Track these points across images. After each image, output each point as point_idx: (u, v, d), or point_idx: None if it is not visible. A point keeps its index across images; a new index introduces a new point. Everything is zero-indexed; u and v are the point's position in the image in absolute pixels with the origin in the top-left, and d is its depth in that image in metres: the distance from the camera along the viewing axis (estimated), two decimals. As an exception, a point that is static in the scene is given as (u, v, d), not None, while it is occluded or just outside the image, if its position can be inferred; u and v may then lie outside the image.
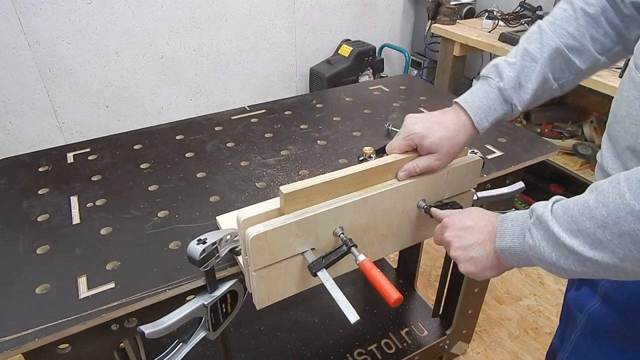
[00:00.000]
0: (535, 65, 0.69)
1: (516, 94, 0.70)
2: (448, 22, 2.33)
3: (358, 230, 0.72)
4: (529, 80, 0.70)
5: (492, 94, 0.70)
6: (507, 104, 0.71)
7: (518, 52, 0.71)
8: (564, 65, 0.70)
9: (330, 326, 1.42)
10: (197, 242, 0.65)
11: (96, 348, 0.70)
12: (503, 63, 0.71)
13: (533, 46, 0.70)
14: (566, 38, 0.69)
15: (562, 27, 0.69)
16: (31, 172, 0.99)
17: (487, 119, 0.71)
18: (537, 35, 0.71)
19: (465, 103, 0.71)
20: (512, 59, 0.71)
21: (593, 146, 1.97)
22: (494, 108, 0.71)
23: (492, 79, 0.71)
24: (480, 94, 0.71)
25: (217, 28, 2.32)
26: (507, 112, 0.72)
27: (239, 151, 1.07)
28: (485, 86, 0.71)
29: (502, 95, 0.70)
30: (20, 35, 1.87)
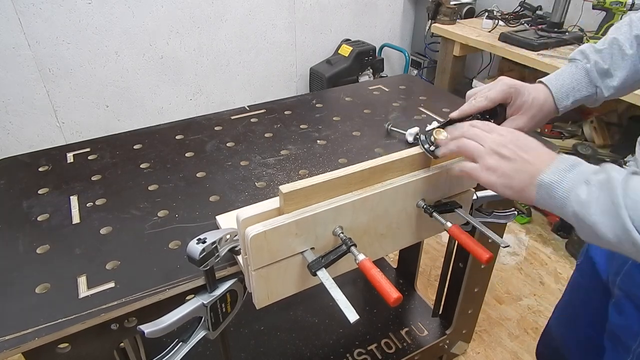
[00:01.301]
0: (625, 55, 0.69)
1: (602, 78, 0.70)
2: (448, 22, 2.33)
3: (357, 229, 0.72)
4: (618, 69, 0.69)
5: (577, 74, 0.71)
6: (592, 85, 0.70)
7: (606, 41, 0.71)
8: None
9: (330, 326, 1.42)
10: (196, 242, 0.65)
11: (96, 348, 0.70)
12: (590, 48, 0.71)
13: (623, 37, 0.69)
14: None
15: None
16: (31, 172, 0.99)
17: (569, 98, 0.71)
18: (627, 27, 0.70)
19: (548, 81, 0.72)
20: (601, 46, 0.71)
21: (593, 146, 1.97)
22: (577, 88, 0.71)
23: (580, 60, 0.71)
24: (565, 74, 0.72)
25: (217, 28, 2.32)
26: (591, 95, 0.71)
27: (239, 151, 1.07)
28: (571, 67, 0.72)
29: (588, 76, 0.70)
30: (20, 35, 1.87)
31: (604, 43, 0.71)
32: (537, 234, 2.14)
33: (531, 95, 0.70)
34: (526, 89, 0.70)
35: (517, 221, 2.20)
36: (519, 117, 0.71)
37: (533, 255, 2.01)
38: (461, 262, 1.27)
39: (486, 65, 2.60)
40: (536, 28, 2.05)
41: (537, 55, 1.84)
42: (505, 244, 0.74)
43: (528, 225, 2.19)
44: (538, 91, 0.71)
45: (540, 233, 2.14)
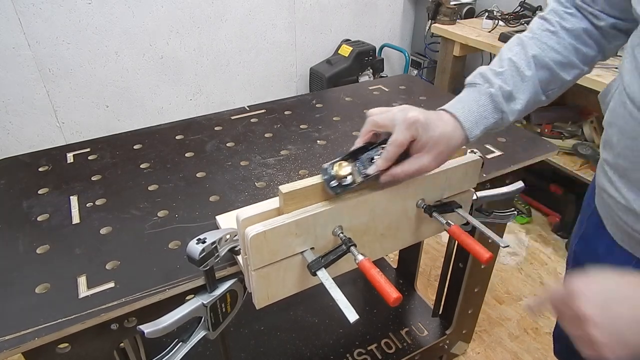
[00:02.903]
0: (525, 76, 0.67)
1: (508, 102, 0.66)
2: (448, 22, 2.33)
3: (357, 229, 0.72)
4: (520, 92, 0.67)
5: (482, 100, 0.66)
6: (497, 111, 0.66)
7: (504, 62, 0.68)
8: (551, 77, 0.68)
9: (330, 326, 1.42)
10: (196, 242, 0.65)
11: (96, 348, 0.70)
12: (489, 71, 0.67)
13: (518, 58, 0.67)
14: (549, 51, 0.67)
15: (543, 41, 0.68)
16: (31, 172, 0.99)
17: (478, 127, 0.66)
18: (519, 47, 0.69)
19: (453, 110, 0.66)
20: (499, 67, 0.67)
21: (593, 146, 1.97)
22: (485, 115, 0.66)
23: (481, 85, 0.67)
24: (470, 101, 0.66)
25: (217, 28, 2.32)
26: (497, 121, 0.67)
27: (239, 151, 1.07)
28: (474, 93, 0.67)
29: (493, 102, 0.66)
30: (20, 35, 1.87)
31: (502, 65, 0.67)
32: (537, 234, 2.14)
33: (438, 130, 0.63)
34: (432, 123, 0.62)
35: (517, 221, 2.20)
36: (425, 155, 0.63)
37: (533, 255, 2.01)
38: (461, 262, 1.27)
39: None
40: (536, 28, 2.05)
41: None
42: (505, 244, 0.74)
43: (528, 225, 2.19)
44: (445, 124, 0.64)
45: (540, 233, 2.14)
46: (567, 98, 2.32)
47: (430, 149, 0.63)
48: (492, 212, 1.01)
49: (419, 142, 0.63)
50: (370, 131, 0.66)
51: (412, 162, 0.64)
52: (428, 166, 0.64)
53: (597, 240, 0.75)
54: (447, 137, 0.64)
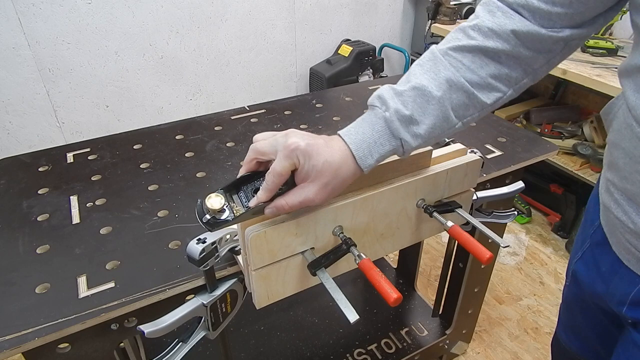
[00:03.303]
0: (431, 98, 0.58)
1: (406, 127, 0.58)
2: (448, 22, 2.33)
3: (357, 229, 0.72)
4: (424, 115, 0.58)
5: (377, 125, 0.58)
6: (394, 138, 0.58)
7: (409, 82, 0.59)
8: (467, 100, 0.60)
9: (330, 326, 1.42)
10: (196, 242, 0.65)
11: (96, 347, 0.70)
12: (390, 92, 0.59)
13: (427, 77, 0.59)
14: (464, 71, 0.59)
15: (458, 59, 0.60)
16: (31, 172, 0.99)
17: (372, 156, 0.58)
18: (431, 63, 0.60)
19: (347, 136, 0.59)
20: (401, 87, 0.59)
21: (593, 146, 1.97)
22: (379, 142, 0.58)
23: (378, 107, 0.59)
24: (365, 126, 0.59)
25: (217, 28, 2.32)
26: (395, 149, 0.60)
27: (239, 151, 1.07)
28: (370, 117, 0.60)
29: (389, 128, 0.58)
30: (20, 35, 1.87)
31: (406, 84, 0.59)
32: (537, 234, 2.14)
33: (321, 159, 0.56)
34: (315, 150, 0.56)
35: (517, 221, 2.20)
36: (308, 186, 0.57)
37: (533, 255, 2.01)
38: (461, 262, 1.27)
39: (486, 65, 2.60)
40: (536, 28, 2.05)
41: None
42: (505, 244, 0.74)
43: (528, 225, 2.19)
44: (333, 152, 0.57)
45: (540, 233, 2.14)
46: (567, 98, 2.32)
47: (314, 179, 0.57)
48: (492, 212, 1.01)
49: (301, 171, 0.57)
50: (253, 159, 0.60)
51: (296, 193, 0.58)
52: (313, 198, 0.57)
53: (602, 258, 0.70)
54: (334, 167, 0.57)
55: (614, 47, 1.87)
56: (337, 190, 0.59)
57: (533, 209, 2.26)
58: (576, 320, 0.86)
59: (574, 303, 0.85)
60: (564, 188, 2.08)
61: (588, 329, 0.83)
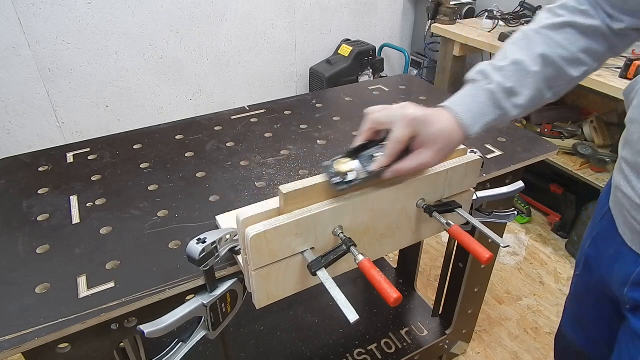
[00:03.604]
0: (529, 72, 0.64)
1: (508, 99, 0.65)
2: (448, 22, 2.33)
3: (357, 229, 0.72)
4: (523, 87, 0.65)
5: (481, 97, 0.65)
6: (497, 108, 0.65)
7: (507, 57, 0.66)
8: (557, 74, 0.66)
9: (330, 326, 1.42)
10: (196, 242, 0.65)
11: (96, 347, 0.70)
12: (490, 67, 0.66)
13: (523, 53, 0.65)
14: (556, 47, 0.65)
15: (549, 36, 0.65)
16: (31, 172, 0.99)
17: (477, 123, 0.65)
18: (525, 42, 0.66)
19: (452, 107, 0.65)
20: (500, 62, 0.65)
21: (593, 146, 1.97)
22: (483, 112, 0.65)
23: (480, 81, 0.66)
24: (468, 98, 0.66)
25: (217, 28, 2.32)
26: (498, 118, 0.66)
27: (239, 151, 1.07)
28: (473, 89, 0.66)
29: (492, 99, 0.65)
30: (20, 35, 1.87)
31: (505, 59, 0.65)
32: (537, 234, 2.14)
33: (436, 127, 0.63)
34: (432, 120, 0.63)
35: (517, 221, 2.20)
36: (424, 152, 0.64)
37: (533, 255, 2.01)
38: (461, 262, 1.27)
39: (486, 65, 2.60)
40: (536, 28, 2.05)
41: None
42: (505, 244, 0.74)
43: (528, 225, 2.19)
44: (444, 120, 0.64)
45: (540, 233, 2.14)
46: (567, 98, 2.32)
47: (431, 145, 0.64)
48: (492, 212, 1.01)
49: (418, 138, 0.63)
50: (370, 129, 0.67)
51: (413, 158, 0.64)
52: (429, 162, 0.65)
53: (608, 242, 0.74)
54: (447, 133, 0.64)
55: (614, 47, 1.87)
56: (447, 155, 0.66)
57: (533, 209, 2.26)
58: (583, 312, 0.88)
59: (584, 292, 0.87)
60: (564, 188, 2.08)
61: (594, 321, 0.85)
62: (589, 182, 1.85)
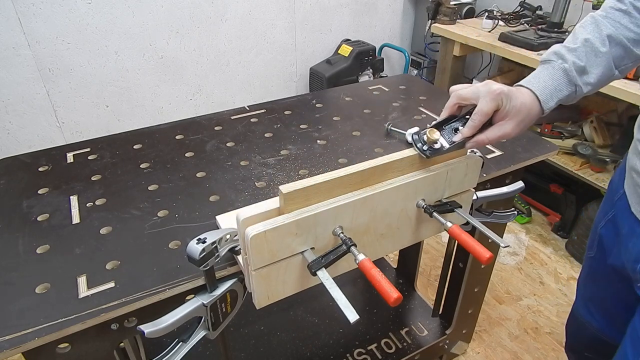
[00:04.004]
0: (599, 52, 0.70)
1: (580, 76, 0.71)
2: (448, 21, 2.33)
3: (357, 229, 0.72)
4: (593, 66, 0.71)
5: (556, 74, 0.71)
6: (571, 84, 0.71)
7: (577, 40, 0.72)
8: (624, 53, 0.71)
9: (330, 326, 1.42)
10: (196, 242, 0.65)
11: (96, 347, 0.70)
12: (563, 49, 0.72)
13: (592, 35, 0.71)
14: (623, 29, 0.70)
15: (616, 19, 0.70)
16: (31, 172, 0.99)
17: (553, 99, 0.71)
18: (593, 26, 0.72)
19: (529, 84, 0.72)
20: (572, 44, 0.72)
21: (593, 146, 1.97)
22: (559, 88, 0.71)
23: (555, 61, 0.72)
24: (544, 76, 0.72)
25: (217, 28, 2.32)
26: (571, 94, 0.72)
27: (239, 151, 1.07)
28: (548, 69, 0.72)
29: (567, 76, 0.71)
30: (20, 35, 1.87)
31: (576, 42, 0.72)
32: (537, 234, 2.14)
33: (519, 100, 0.69)
34: (514, 94, 0.69)
35: (517, 221, 2.20)
36: (507, 123, 0.70)
37: (533, 255, 2.01)
38: (461, 262, 1.27)
39: (486, 65, 2.60)
40: (536, 28, 2.05)
41: (537, 55, 1.84)
42: (505, 244, 0.74)
43: (528, 225, 2.19)
44: (524, 95, 0.70)
45: (540, 233, 2.14)
46: (567, 98, 2.32)
47: (513, 117, 0.69)
48: (492, 212, 1.01)
49: (502, 111, 0.69)
50: (455, 104, 0.72)
51: (495, 129, 0.71)
52: (510, 132, 0.70)
53: (623, 222, 0.79)
54: (527, 107, 0.70)
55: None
56: (527, 126, 0.72)
57: (533, 209, 2.26)
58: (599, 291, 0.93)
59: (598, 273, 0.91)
60: (564, 188, 2.08)
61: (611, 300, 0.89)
62: (589, 182, 1.85)
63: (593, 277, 0.94)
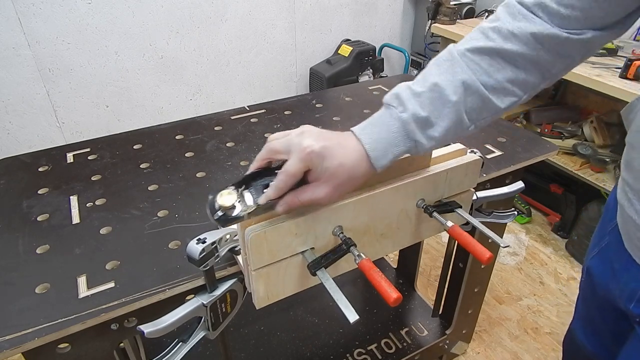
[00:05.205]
0: (448, 102, 0.58)
1: (422, 130, 0.59)
2: (448, 22, 2.33)
3: (357, 229, 0.72)
4: (439, 117, 0.59)
5: (393, 126, 0.59)
6: (409, 140, 0.59)
7: (427, 82, 0.59)
8: (482, 104, 0.60)
9: (330, 326, 1.42)
10: (196, 242, 0.65)
11: (96, 348, 0.70)
12: (407, 92, 0.59)
13: (444, 79, 0.59)
14: (481, 74, 0.59)
15: (476, 61, 0.59)
16: (31, 172, 0.99)
17: (387, 156, 0.59)
18: (448, 63, 0.60)
19: (361, 134, 0.59)
20: (419, 88, 0.59)
21: (593, 146, 1.97)
22: (394, 143, 0.59)
23: (395, 107, 0.59)
24: (380, 125, 0.60)
25: (217, 28, 2.32)
26: (410, 149, 0.60)
27: (239, 151, 1.07)
28: (386, 116, 0.60)
29: (404, 129, 0.59)
30: (20, 35, 1.87)
31: (424, 84, 0.59)
32: (537, 234, 2.14)
33: (336, 161, 0.57)
34: (330, 153, 0.57)
35: (517, 221, 2.20)
36: (321, 186, 0.58)
37: (533, 255, 2.01)
38: (461, 262, 1.27)
39: (486, 65, 2.60)
40: (536, 28, 2.05)
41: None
42: (505, 244, 0.74)
43: (528, 225, 2.19)
44: (347, 153, 0.58)
45: (540, 233, 2.14)
46: (567, 98, 2.32)
47: (328, 180, 0.58)
48: (492, 212, 1.01)
49: (314, 172, 0.58)
50: (265, 158, 0.61)
51: (307, 190, 0.59)
52: (324, 198, 0.59)
53: (615, 256, 0.72)
54: (348, 168, 0.58)
55: (614, 47, 1.87)
56: (348, 190, 0.61)
57: (533, 209, 2.26)
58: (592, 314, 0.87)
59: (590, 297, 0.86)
60: (564, 188, 2.08)
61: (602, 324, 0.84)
62: (589, 182, 1.85)
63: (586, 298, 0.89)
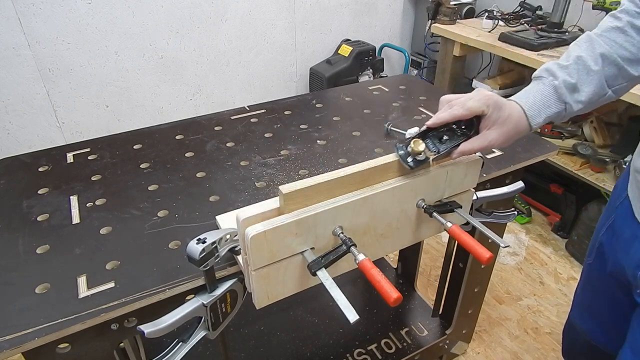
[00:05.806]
0: (591, 71, 0.70)
1: (571, 94, 0.71)
2: (448, 22, 2.33)
3: (357, 229, 0.72)
4: (584, 84, 0.70)
5: (545, 91, 0.71)
6: (561, 102, 0.71)
7: (570, 57, 0.72)
8: (618, 72, 0.71)
9: (330, 326, 1.42)
10: (196, 242, 0.65)
11: (96, 348, 0.70)
12: (555, 66, 0.72)
13: (585, 53, 0.71)
14: (617, 48, 0.70)
15: (611, 38, 0.70)
16: (31, 172, 0.99)
17: (541, 115, 0.71)
18: (587, 44, 0.72)
19: (518, 98, 0.72)
20: (564, 62, 0.72)
21: (593, 146, 1.97)
22: (547, 105, 0.71)
23: (545, 78, 0.72)
24: (534, 92, 0.72)
25: (217, 28, 2.32)
26: (560, 111, 0.72)
27: (239, 151, 1.07)
28: (539, 85, 0.72)
29: (557, 93, 0.71)
30: (20, 35, 1.87)
31: (568, 59, 0.72)
32: (537, 234, 2.14)
33: (507, 111, 0.69)
34: (503, 105, 0.69)
35: (517, 221, 2.20)
36: (492, 132, 0.70)
37: (533, 255, 2.01)
38: (461, 262, 1.27)
39: (486, 66, 2.60)
40: (536, 28, 2.05)
41: (537, 55, 1.84)
42: (505, 244, 0.74)
43: (528, 225, 2.19)
44: (512, 108, 0.70)
45: (540, 233, 2.14)
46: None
47: (499, 127, 0.69)
48: (492, 212, 1.01)
49: (489, 118, 0.69)
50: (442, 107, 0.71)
51: (480, 138, 0.70)
52: (495, 141, 0.70)
53: (624, 227, 0.78)
54: (514, 120, 0.70)
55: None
56: (512, 139, 0.72)
57: (533, 209, 2.26)
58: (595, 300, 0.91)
59: (597, 280, 0.90)
60: (564, 188, 2.08)
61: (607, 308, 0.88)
62: (589, 182, 1.85)
63: (591, 284, 0.93)
